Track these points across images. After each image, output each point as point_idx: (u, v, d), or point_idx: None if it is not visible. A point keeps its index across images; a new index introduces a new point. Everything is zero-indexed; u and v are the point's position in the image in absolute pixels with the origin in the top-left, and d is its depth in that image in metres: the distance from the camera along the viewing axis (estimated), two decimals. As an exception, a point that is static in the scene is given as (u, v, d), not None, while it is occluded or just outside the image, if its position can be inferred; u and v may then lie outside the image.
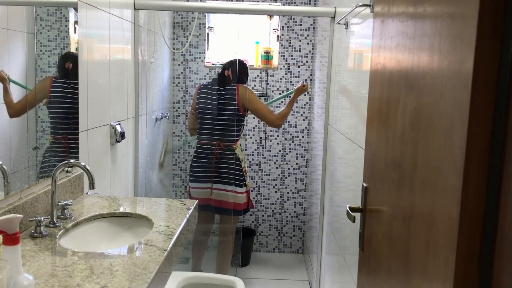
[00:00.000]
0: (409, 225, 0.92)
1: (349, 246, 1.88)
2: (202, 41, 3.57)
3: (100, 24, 1.99)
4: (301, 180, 3.72)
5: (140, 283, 1.10)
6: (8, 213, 1.30)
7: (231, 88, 2.89)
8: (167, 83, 3.44)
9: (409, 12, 0.96)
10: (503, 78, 0.66)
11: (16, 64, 1.42)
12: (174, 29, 3.58)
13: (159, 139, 3.26)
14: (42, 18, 1.56)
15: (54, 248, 1.30)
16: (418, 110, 0.90)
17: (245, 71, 3.03)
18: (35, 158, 1.54)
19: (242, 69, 2.98)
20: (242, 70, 2.98)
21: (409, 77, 0.95)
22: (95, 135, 1.94)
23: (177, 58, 3.60)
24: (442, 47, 0.78)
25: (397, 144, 1.02)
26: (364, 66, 1.78)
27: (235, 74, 2.92)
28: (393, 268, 1.01)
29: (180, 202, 1.78)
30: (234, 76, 2.92)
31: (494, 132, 0.67)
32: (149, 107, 2.89)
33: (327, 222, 2.56)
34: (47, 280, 1.09)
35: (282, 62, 3.60)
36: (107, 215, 1.61)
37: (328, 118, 2.62)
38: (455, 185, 0.71)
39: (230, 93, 2.87)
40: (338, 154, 2.30)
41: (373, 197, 1.22)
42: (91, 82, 1.87)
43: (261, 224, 3.77)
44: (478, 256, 0.69)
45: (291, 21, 3.55)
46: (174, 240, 1.38)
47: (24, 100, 1.46)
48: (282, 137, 3.68)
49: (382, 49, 1.16)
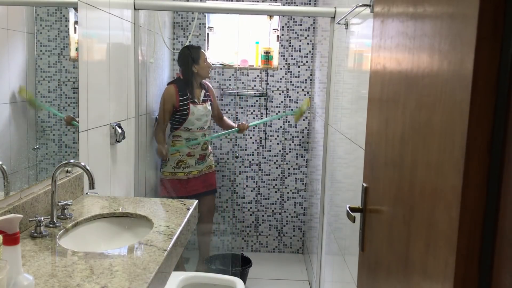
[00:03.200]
0: (409, 225, 0.92)
1: (349, 246, 1.88)
2: (202, 41, 3.57)
3: (100, 24, 1.99)
4: (301, 180, 3.72)
5: (140, 283, 1.10)
6: (8, 213, 1.30)
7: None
8: (167, 83, 3.44)
9: (409, 12, 0.96)
10: (503, 78, 0.66)
11: (16, 64, 1.42)
12: (174, 29, 3.58)
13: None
14: (42, 18, 1.56)
15: (54, 248, 1.30)
16: (418, 110, 0.90)
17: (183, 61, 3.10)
18: (35, 158, 1.54)
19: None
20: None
21: (409, 77, 0.95)
22: (95, 135, 1.94)
23: (177, 58, 3.59)
24: (442, 47, 0.78)
25: (397, 144, 1.02)
26: (364, 66, 1.78)
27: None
28: (393, 268, 1.01)
29: (180, 202, 1.78)
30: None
31: (494, 132, 0.67)
32: (149, 107, 2.89)
33: (327, 222, 2.56)
34: (47, 280, 1.09)
35: (282, 62, 3.60)
36: (107, 215, 1.61)
37: (328, 118, 2.62)
38: (455, 185, 0.71)
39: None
40: (338, 154, 2.30)
41: (373, 197, 1.22)
42: (91, 82, 1.87)
43: (261, 224, 3.77)
44: (478, 256, 0.69)
45: (291, 21, 3.55)
46: (174, 240, 1.38)
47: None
48: (282, 137, 3.68)
49: (382, 49, 1.16)
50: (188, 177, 3.12)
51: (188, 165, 3.10)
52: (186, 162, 3.09)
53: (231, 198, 3.72)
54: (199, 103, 3.06)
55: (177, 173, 3.09)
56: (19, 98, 1.46)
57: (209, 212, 3.31)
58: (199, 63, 3.02)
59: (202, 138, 3.12)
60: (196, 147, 3.10)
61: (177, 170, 3.09)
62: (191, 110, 3.00)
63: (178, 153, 3.07)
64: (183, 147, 3.06)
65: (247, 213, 3.76)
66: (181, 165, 3.09)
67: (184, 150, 3.07)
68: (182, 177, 3.10)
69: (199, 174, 3.16)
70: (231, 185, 3.71)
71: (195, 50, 3.07)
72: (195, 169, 3.13)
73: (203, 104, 3.09)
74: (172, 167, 3.09)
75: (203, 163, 3.16)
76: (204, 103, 3.10)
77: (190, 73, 3.03)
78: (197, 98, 3.06)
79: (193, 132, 3.07)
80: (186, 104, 3.00)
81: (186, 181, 3.12)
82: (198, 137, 3.10)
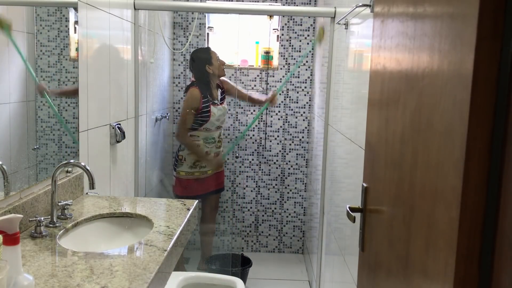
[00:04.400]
0: (409, 225, 0.92)
1: (349, 246, 1.88)
2: (202, 41, 3.57)
3: (100, 24, 1.99)
4: (301, 180, 3.72)
5: (140, 283, 1.10)
6: (8, 213, 1.30)
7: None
8: (167, 83, 3.44)
9: (409, 12, 0.96)
10: (503, 78, 0.66)
11: (16, 65, 1.42)
12: (174, 29, 3.58)
13: (159, 139, 3.26)
14: (42, 18, 1.56)
15: (54, 248, 1.30)
16: (418, 110, 0.89)
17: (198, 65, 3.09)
18: (35, 158, 1.54)
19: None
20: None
21: (409, 77, 0.95)
22: (95, 135, 1.94)
23: (177, 58, 3.60)
24: (442, 47, 0.78)
25: (397, 144, 1.02)
26: (364, 66, 1.78)
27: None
28: (393, 268, 1.01)
29: (180, 202, 1.78)
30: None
31: (494, 132, 0.67)
32: (149, 107, 2.89)
33: (327, 222, 2.56)
34: (47, 280, 1.09)
35: (282, 62, 3.60)
36: (107, 215, 1.61)
37: (328, 118, 2.62)
38: (455, 185, 0.71)
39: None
40: (338, 154, 2.30)
41: (373, 197, 1.22)
42: (91, 82, 1.87)
43: (261, 224, 3.77)
44: (478, 256, 0.69)
45: (291, 21, 3.55)
46: (174, 240, 1.38)
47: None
48: (282, 137, 3.68)
49: (382, 49, 1.16)
50: (205, 176, 3.15)
51: (204, 165, 3.12)
52: (202, 162, 3.11)
53: (231, 198, 3.72)
54: (218, 103, 3.09)
55: (193, 172, 3.11)
56: (19, 98, 1.46)
57: (212, 211, 3.32)
58: (212, 63, 3.03)
59: (228, 144, 3.19)
60: (212, 146, 3.11)
61: (193, 169, 3.11)
62: (212, 111, 3.02)
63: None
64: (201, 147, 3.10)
65: (247, 213, 3.75)
66: (197, 164, 3.11)
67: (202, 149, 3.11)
68: (198, 176, 3.13)
69: (213, 172, 3.19)
70: (231, 185, 3.71)
71: (205, 51, 3.09)
72: (210, 168, 3.16)
73: (222, 104, 3.12)
74: (188, 167, 3.10)
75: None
76: (222, 103, 3.13)
77: (206, 74, 3.04)
78: (216, 98, 3.09)
79: (211, 131, 3.09)
80: (208, 106, 3.02)
81: (202, 180, 3.15)
82: (215, 136, 3.12)
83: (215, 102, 3.06)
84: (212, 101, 3.04)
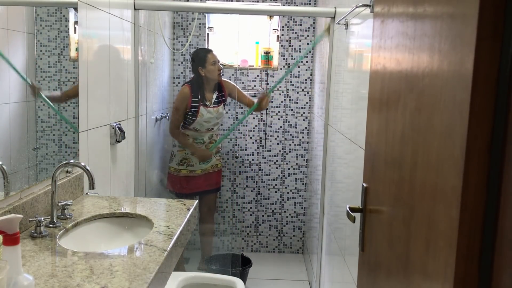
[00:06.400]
0: (409, 225, 0.92)
1: (349, 246, 1.88)
2: (202, 41, 3.57)
3: (100, 24, 1.99)
4: (301, 180, 3.72)
5: (140, 283, 1.10)
6: (8, 213, 1.30)
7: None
8: (167, 83, 3.44)
9: (409, 12, 0.96)
10: (503, 78, 0.66)
11: (16, 64, 1.42)
12: (174, 29, 3.58)
13: (159, 139, 3.26)
14: (42, 18, 1.56)
15: (54, 248, 1.30)
16: (418, 110, 0.90)
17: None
18: (35, 158, 1.54)
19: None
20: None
21: (409, 77, 0.95)
22: (95, 135, 1.94)
23: (177, 58, 3.60)
24: (442, 47, 0.78)
25: (397, 144, 1.02)
26: (364, 66, 1.78)
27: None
28: (393, 268, 1.01)
29: (180, 202, 1.78)
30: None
31: (494, 132, 0.67)
32: (149, 107, 2.89)
33: (327, 222, 2.56)
34: (47, 280, 1.09)
35: (282, 62, 3.60)
36: (107, 215, 1.61)
37: (328, 118, 2.62)
38: (455, 185, 0.71)
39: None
40: (338, 154, 2.30)
41: (373, 197, 1.22)
42: (91, 82, 1.87)
43: (261, 224, 3.77)
44: (478, 256, 0.69)
45: (291, 21, 3.55)
46: (174, 240, 1.38)
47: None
48: (282, 137, 3.68)
49: (382, 49, 1.16)
50: (191, 175, 3.14)
51: (192, 164, 3.11)
52: (190, 160, 3.11)
53: (231, 198, 3.72)
54: (211, 106, 3.07)
55: (180, 170, 3.12)
56: (19, 98, 1.46)
57: (209, 211, 3.31)
58: (206, 66, 3.02)
59: (213, 144, 3.15)
60: (201, 146, 3.11)
61: (180, 167, 3.12)
62: (200, 112, 3.02)
63: (184, 150, 3.10)
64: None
65: (247, 213, 3.75)
66: (184, 162, 3.11)
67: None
68: (185, 174, 3.13)
69: (203, 173, 3.17)
70: (231, 185, 3.71)
71: (202, 53, 3.08)
72: (199, 168, 3.14)
73: (215, 108, 3.08)
74: (176, 164, 3.12)
75: (207, 162, 3.17)
76: (217, 106, 3.09)
77: (199, 76, 3.04)
78: (209, 101, 3.07)
79: (201, 132, 3.09)
80: (196, 106, 3.01)
81: (188, 179, 3.14)
82: (206, 137, 3.11)
83: (206, 104, 3.04)
84: (203, 102, 3.03)
